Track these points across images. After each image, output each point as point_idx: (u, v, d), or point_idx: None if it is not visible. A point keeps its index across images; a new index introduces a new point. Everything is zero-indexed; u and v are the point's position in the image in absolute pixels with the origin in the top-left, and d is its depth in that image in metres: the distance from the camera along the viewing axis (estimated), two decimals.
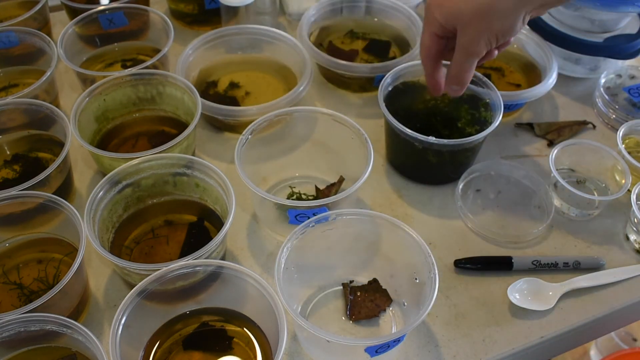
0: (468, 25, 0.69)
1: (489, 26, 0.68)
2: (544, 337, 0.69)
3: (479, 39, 0.69)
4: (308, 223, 0.66)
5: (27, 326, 0.59)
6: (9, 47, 0.94)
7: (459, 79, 0.74)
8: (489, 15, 0.67)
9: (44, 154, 0.84)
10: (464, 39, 0.70)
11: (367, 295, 0.70)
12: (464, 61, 0.72)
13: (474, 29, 0.69)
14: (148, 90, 0.87)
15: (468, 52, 0.71)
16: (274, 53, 0.97)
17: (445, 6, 0.70)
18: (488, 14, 0.67)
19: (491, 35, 0.69)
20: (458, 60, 0.72)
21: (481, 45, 0.70)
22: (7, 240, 0.73)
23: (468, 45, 0.70)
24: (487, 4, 0.67)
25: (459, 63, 0.72)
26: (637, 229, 0.77)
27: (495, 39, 0.69)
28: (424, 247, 0.64)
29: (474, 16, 0.68)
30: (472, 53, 0.71)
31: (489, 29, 0.68)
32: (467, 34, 0.69)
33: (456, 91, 0.75)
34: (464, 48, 0.71)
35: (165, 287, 0.63)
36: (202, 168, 0.73)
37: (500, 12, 0.67)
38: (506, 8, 0.67)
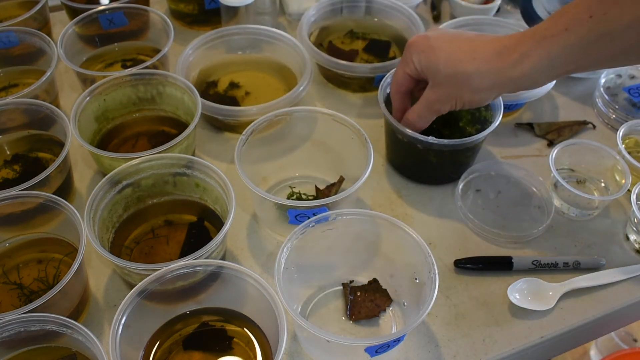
0: (440, 85, 0.70)
1: (459, 94, 0.69)
2: (544, 337, 0.69)
3: (446, 101, 0.71)
4: (308, 223, 0.66)
5: (27, 326, 0.59)
6: (9, 47, 0.94)
7: (414, 125, 0.75)
8: (462, 86, 0.68)
9: (44, 154, 0.84)
10: (432, 95, 0.71)
11: (367, 295, 0.70)
12: (425, 113, 0.73)
13: (444, 90, 0.70)
14: (148, 90, 0.87)
15: (431, 107, 0.72)
16: (274, 53, 0.97)
17: (425, 56, 0.70)
18: (462, 84, 0.68)
19: (459, 101, 0.70)
20: (419, 109, 0.74)
21: (446, 107, 0.71)
22: (7, 240, 0.73)
23: (434, 101, 0.71)
24: (463, 75, 0.67)
25: (418, 112, 0.74)
26: (637, 229, 0.77)
27: (461, 105, 0.71)
28: (424, 247, 0.64)
29: (448, 80, 0.69)
30: (435, 110, 0.72)
31: (458, 96, 0.69)
32: (436, 92, 0.70)
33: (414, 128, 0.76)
34: (429, 102, 0.72)
35: (165, 287, 0.63)
36: (202, 168, 0.73)
37: (474, 84, 0.68)
38: (480, 86, 0.68)
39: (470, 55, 0.67)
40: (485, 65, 0.66)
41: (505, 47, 0.66)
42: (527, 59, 0.64)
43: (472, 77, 0.67)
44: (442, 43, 0.70)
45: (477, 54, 0.67)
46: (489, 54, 0.66)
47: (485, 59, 0.67)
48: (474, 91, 0.68)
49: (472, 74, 0.67)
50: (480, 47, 0.67)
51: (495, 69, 0.66)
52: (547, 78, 0.67)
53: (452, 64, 0.68)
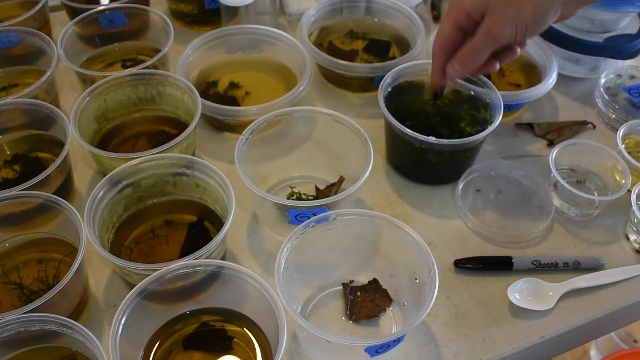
0: (498, 9, 0.65)
1: (520, 12, 0.65)
2: (544, 337, 0.69)
3: (506, 24, 0.66)
4: (308, 223, 0.66)
5: (27, 326, 0.59)
6: (9, 47, 0.94)
7: (466, 61, 0.70)
8: (521, 2, 0.64)
9: (44, 154, 0.84)
10: (490, 21, 0.66)
11: (367, 295, 0.70)
12: (482, 44, 0.68)
13: (503, 12, 0.65)
14: (148, 90, 0.87)
15: (490, 34, 0.67)
16: (274, 53, 0.98)
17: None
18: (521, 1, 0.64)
19: (520, 22, 0.65)
20: (475, 42, 0.68)
21: (506, 31, 0.66)
22: (7, 240, 0.73)
23: (492, 27, 0.66)
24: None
25: (474, 44, 0.69)
26: (637, 229, 0.77)
27: (523, 27, 0.66)
28: (424, 247, 0.64)
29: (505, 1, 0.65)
30: (495, 37, 0.67)
31: (519, 15, 0.65)
32: (495, 17, 0.66)
33: (456, 71, 0.72)
34: (487, 30, 0.67)
35: (165, 287, 0.63)
36: (202, 168, 0.73)
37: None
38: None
39: None
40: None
41: None
42: None
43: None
44: None
45: None
46: None
47: None
48: (536, 4, 0.64)
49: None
50: None
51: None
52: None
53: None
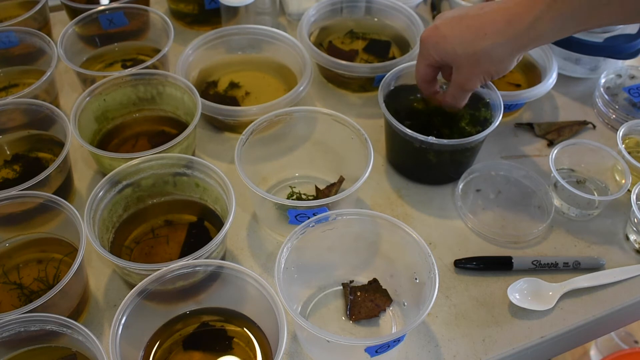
0: (463, 67, 0.73)
1: (483, 69, 0.72)
2: (544, 337, 0.69)
3: (474, 79, 0.74)
4: (308, 223, 0.66)
5: (27, 326, 0.59)
6: (9, 47, 0.94)
7: (454, 103, 0.79)
8: (483, 60, 0.71)
9: (44, 154, 0.84)
10: (459, 77, 0.74)
11: (367, 295, 0.70)
12: (459, 94, 0.77)
13: (468, 70, 0.73)
14: (148, 90, 0.87)
15: (463, 88, 0.76)
16: (274, 53, 0.98)
17: (440, 45, 0.73)
18: (483, 58, 0.70)
19: (485, 75, 0.73)
20: (453, 93, 0.77)
21: (475, 83, 0.74)
22: (7, 240, 0.73)
23: (463, 83, 0.75)
24: (482, 50, 0.70)
25: (453, 95, 0.78)
26: (637, 229, 0.76)
27: (489, 77, 0.74)
28: (424, 247, 0.64)
29: (468, 59, 0.71)
30: (468, 89, 0.76)
31: (483, 71, 0.72)
32: (462, 74, 0.74)
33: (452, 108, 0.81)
34: (458, 85, 0.75)
35: (165, 287, 0.63)
36: (202, 168, 0.73)
37: (495, 57, 0.70)
38: (501, 54, 0.70)
39: (481, 32, 0.69)
40: (499, 38, 0.68)
41: (516, 15, 0.67)
42: (540, 22, 0.66)
43: (489, 51, 0.69)
44: (451, 29, 0.72)
45: (487, 29, 0.69)
46: (499, 26, 0.68)
47: (497, 31, 0.69)
48: (496, 63, 0.71)
49: (488, 49, 0.69)
50: (489, 21, 0.69)
51: (510, 37, 0.68)
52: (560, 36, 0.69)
53: (467, 46, 0.70)
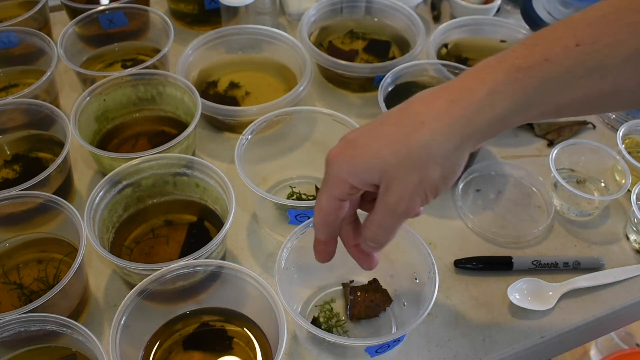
0: (396, 180, 0.49)
1: (425, 177, 0.49)
2: (544, 337, 0.69)
3: (413, 196, 0.50)
4: (308, 223, 0.66)
5: (27, 326, 0.59)
6: (9, 47, 0.94)
7: (380, 238, 0.54)
8: (422, 161, 0.48)
9: (44, 154, 0.84)
10: (391, 197, 0.50)
11: (367, 295, 0.70)
12: (390, 224, 0.52)
13: (402, 183, 0.49)
14: (148, 90, 0.87)
15: (395, 211, 0.51)
16: (274, 53, 0.98)
17: (358, 159, 0.50)
18: (421, 160, 0.48)
19: (429, 187, 0.50)
20: (379, 222, 0.53)
21: (416, 203, 0.50)
22: (7, 240, 0.73)
23: (397, 205, 0.50)
24: (419, 146, 0.48)
25: (380, 225, 0.53)
26: (637, 229, 0.77)
27: (434, 191, 0.51)
28: (424, 247, 0.64)
29: (403, 167, 0.49)
30: (403, 214, 0.51)
31: (425, 180, 0.49)
32: (393, 192, 0.50)
33: (374, 249, 0.57)
34: (390, 209, 0.51)
35: (165, 287, 0.63)
36: (202, 168, 0.73)
37: (437, 153, 0.48)
38: (445, 148, 0.48)
39: (416, 120, 0.49)
40: (441, 123, 0.48)
41: (463, 90, 0.49)
42: (498, 97, 0.47)
43: (429, 146, 0.48)
44: (370, 136, 0.51)
45: (423, 115, 0.49)
46: (440, 107, 0.49)
47: (437, 115, 0.48)
48: (441, 161, 0.49)
49: (427, 142, 0.48)
50: (424, 106, 0.50)
51: (456, 121, 0.48)
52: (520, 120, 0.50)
53: (399, 145, 0.48)
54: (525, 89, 0.47)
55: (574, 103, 0.49)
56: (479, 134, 0.49)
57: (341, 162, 0.51)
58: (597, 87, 0.47)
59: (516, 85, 0.47)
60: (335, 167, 0.52)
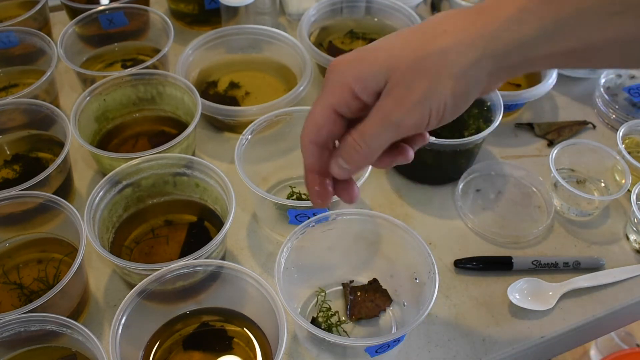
0: (401, 83, 0.44)
1: (435, 87, 0.44)
2: (544, 337, 0.69)
3: (415, 106, 0.44)
4: (308, 223, 0.66)
5: (27, 326, 0.59)
6: (9, 47, 0.94)
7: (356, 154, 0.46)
8: (438, 70, 0.43)
9: (44, 154, 0.84)
10: (389, 101, 0.44)
11: (367, 295, 0.70)
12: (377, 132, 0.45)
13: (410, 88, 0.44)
14: (148, 90, 0.87)
15: (390, 121, 0.44)
16: (274, 53, 0.97)
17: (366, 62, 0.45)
18: (437, 67, 0.43)
19: (435, 102, 0.44)
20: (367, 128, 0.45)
21: (415, 115, 0.44)
22: (7, 240, 0.73)
23: (393, 110, 0.44)
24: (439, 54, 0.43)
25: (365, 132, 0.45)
26: (637, 229, 0.76)
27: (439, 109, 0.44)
28: (424, 247, 0.64)
29: (413, 70, 0.43)
30: (396, 125, 0.45)
31: (434, 91, 0.44)
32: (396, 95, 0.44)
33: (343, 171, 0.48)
34: (384, 114, 0.44)
35: (165, 287, 0.63)
36: (202, 168, 0.73)
37: (456, 65, 0.43)
38: (465, 61, 0.43)
39: (438, 29, 0.44)
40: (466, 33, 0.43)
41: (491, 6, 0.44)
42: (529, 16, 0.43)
43: (450, 52, 0.43)
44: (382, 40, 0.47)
45: (447, 25, 0.44)
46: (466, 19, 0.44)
47: (462, 25, 0.44)
48: (458, 76, 0.43)
49: (449, 49, 0.43)
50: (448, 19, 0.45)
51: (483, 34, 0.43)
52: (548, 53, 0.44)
53: (415, 47, 0.44)
54: (558, 13, 0.42)
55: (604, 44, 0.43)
56: (501, 56, 0.44)
57: (346, 66, 0.45)
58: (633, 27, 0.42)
59: (550, 7, 0.43)
60: (338, 72, 0.46)
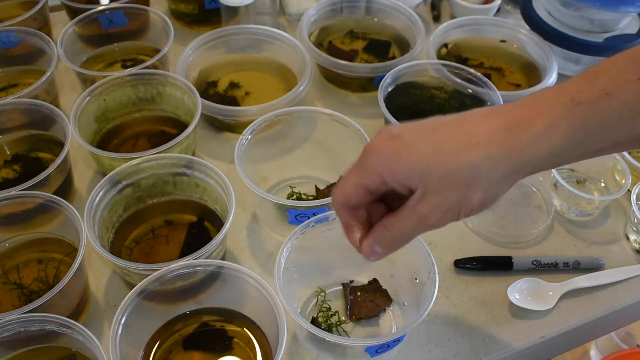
0: (435, 192, 0.47)
1: (465, 197, 0.47)
2: (544, 337, 0.69)
3: (447, 212, 0.48)
4: (308, 223, 0.66)
5: (27, 326, 0.59)
6: (9, 47, 0.94)
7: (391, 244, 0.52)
8: (469, 185, 0.47)
9: (44, 154, 0.84)
10: (425, 207, 0.48)
11: (367, 295, 0.70)
12: (412, 230, 0.50)
13: (443, 198, 0.47)
14: (148, 90, 0.87)
15: (424, 223, 0.49)
16: (274, 53, 0.98)
17: (402, 158, 0.48)
18: (469, 182, 0.47)
19: (465, 208, 0.48)
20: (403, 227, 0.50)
21: (446, 219, 0.49)
22: (7, 240, 0.73)
23: (428, 216, 0.48)
24: (469, 170, 0.47)
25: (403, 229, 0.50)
26: (637, 229, 0.77)
27: (467, 213, 0.49)
28: (424, 247, 0.64)
29: (446, 182, 0.47)
30: (430, 226, 0.49)
31: (464, 200, 0.47)
32: (430, 203, 0.48)
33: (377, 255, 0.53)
34: (420, 218, 0.49)
35: (165, 287, 0.63)
36: (202, 168, 0.73)
37: (486, 180, 0.47)
38: (495, 176, 0.47)
39: (471, 140, 0.47)
40: (496, 149, 0.46)
41: (519, 120, 0.47)
42: (556, 131, 0.46)
43: (480, 169, 0.46)
44: (417, 134, 0.49)
45: (478, 136, 0.47)
46: (497, 132, 0.47)
47: (494, 140, 0.47)
48: (486, 188, 0.47)
49: (480, 164, 0.46)
50: (479, 126, 0.48)
51: (511, 150, 0.46)
52: (575, 157, 0.48)
53: (448, 158, 0.47)
54: (584, 125, 0.46)
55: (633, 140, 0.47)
56: (530, 166, 0.47)
57: (381, 154, 0.49)
58: None
59: (575, 120, 0.46)
60: (373, 157, 0.49)
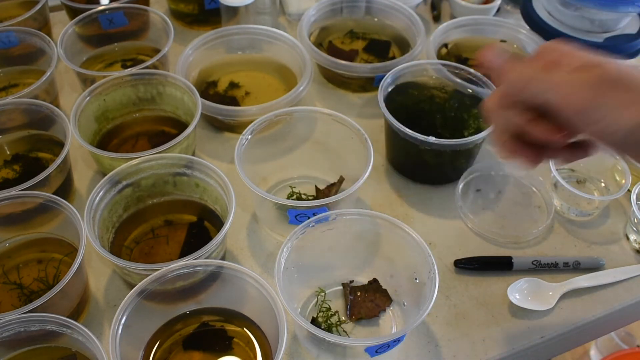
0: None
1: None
2: (544, 337, 0.69)
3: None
4: (308, 223, 0.66)
5: (27, 326, 0.59)
6: (9, 47, 0.94)
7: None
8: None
9: (44, 154, 0.84)
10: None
11: (367, 295, 0.70)
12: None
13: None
14: (148, 90, 0.87)
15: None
16: (274, 53, 0.98)
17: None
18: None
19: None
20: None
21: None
22: (7, 240, 0.73)
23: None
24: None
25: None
26: (637, 229, 0.77)
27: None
28: (424, 247, 0.64)
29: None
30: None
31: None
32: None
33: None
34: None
35: (165, 287, 0.63)
36: (202, 168, 0.73)
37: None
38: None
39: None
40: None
41: None
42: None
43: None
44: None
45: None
46: None
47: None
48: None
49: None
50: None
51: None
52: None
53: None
54: None
55: None
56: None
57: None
58: None
59: None
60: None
